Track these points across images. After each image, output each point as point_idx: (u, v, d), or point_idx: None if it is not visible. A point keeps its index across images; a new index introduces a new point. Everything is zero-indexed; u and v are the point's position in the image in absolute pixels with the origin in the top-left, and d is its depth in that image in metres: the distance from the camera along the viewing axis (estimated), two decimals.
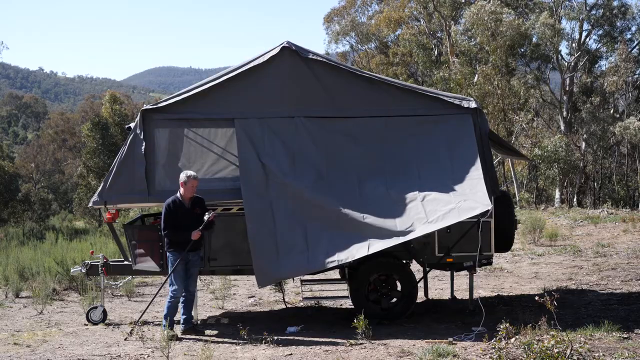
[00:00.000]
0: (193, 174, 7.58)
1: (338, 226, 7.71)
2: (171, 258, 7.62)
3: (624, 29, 35.81)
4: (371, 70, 37.29)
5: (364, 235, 7.58)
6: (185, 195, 7.56)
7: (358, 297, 8.10)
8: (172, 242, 7.56)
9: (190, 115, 8.18)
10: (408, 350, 6.71)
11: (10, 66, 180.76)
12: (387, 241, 7.48)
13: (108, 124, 35.68)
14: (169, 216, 7.50)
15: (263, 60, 8.20)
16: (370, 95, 8.32)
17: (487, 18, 29.67)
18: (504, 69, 30.62)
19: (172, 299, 7.60)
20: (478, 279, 10.93)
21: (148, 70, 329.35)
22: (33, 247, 16.85)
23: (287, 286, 10.54)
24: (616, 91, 34.66)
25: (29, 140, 68.37)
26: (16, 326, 8.80)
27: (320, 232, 7.73)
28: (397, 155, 8.14)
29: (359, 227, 7.62)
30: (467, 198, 7.54)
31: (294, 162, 8.04)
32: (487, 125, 8.39)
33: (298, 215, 7.80)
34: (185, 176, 7.52)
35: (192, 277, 7.77)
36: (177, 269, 7.56)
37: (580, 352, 5.86)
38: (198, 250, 7.76)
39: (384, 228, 7.55)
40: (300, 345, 7.17)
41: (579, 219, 19.81)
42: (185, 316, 7.71)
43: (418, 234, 7.49)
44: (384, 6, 44.09)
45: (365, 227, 7.59)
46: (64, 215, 41.09)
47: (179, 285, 7.58)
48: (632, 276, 10.96)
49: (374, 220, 7.60)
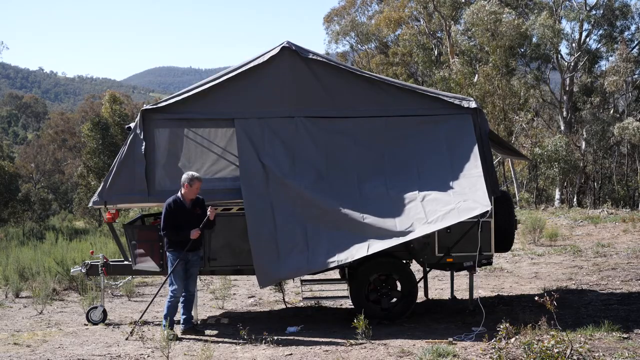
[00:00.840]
0: (197, 175, 7.54)
1: (338, 226, 7.71)
2: (171, 258, 7.61)
3: (624, 29, 35.82)
4: (371, 70, 37.30)
5: (364, 235, 7.58)
6: (188, 196, 7.54)
7: (358, 297, 8.10)
8: (172, 241, 7.55)
9: (190, 115, 8.18)
10: (408, 350, 6.70)
11: (10, 66, 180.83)
12: (387, 241, 7.48)
13: (108, 124, 35.69)
14: (169, 216, 7.50)
15: (263, 60, 8.19)
16: (370, 95, 8.31)
17: (486, 18, 29.66)
18: (504, 69, 30.62)
19: (172, 299, 7.59)
20: (478, 279, 10.93)
21: (148, 70, 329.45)
22: (33, 247, 16.84)
23: (287, 286, 10.54)
24: (616, 91, 34.66)
25: (29, 140, 68.35)
26: (16, 326, 8.80)
27: (320, 232, 7.73)
28: (397, 155, 8.14)
29: (359, 227, 7.61)
30: (467, 198, 7.53)
31: (294, 162, 8.03)
32: (487, 125, 8.39)
33: (298, 216, 7.80)
34: (190, 178, 7.48)
35: (192, 277, 7.76)
36: (177, 269, 7.56)
37: (580, 352, 5.86)
38: (198, 250, 7.75)
39: (384, 228, 7.54)
40: (300, 345, 7.17)
41: (579, 219, 19.81)
42: (185, 316, 7.71)
43: (418, 234, 7.50)
44: (384, 6, 44.10)
45: (365, 227, 7.59)
46: (64, 215, 41.10)
47: (179, 285, 7.57)
48: (632, 276, 10.95)
49: (374, 220, 7.60)
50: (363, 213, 7.66)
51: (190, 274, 7.74)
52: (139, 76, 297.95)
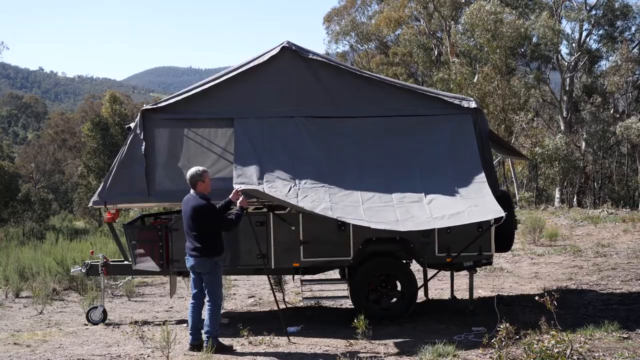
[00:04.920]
0: (203, 167, 7.08)
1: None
2: (218, 264, 6.96)
3: (624, 29, 35.83)
4: (371, 70, 37.28)
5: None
6: (206, 191, 7.00)
7: (358, 297, 8.10)
8: (218, 245, 6.95)
9: (190, 115, 8.18)
10: (408, 350, 6.70)
11: (10, 66, 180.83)
12: (389, 225, 7.22)
13: (108, 124, 35.69)
14: (218, 211, 6.96)
15: (263, 60, 8.20)
16: (370, 95, 8.31)
17: (486, 18, 29.65)
18: (504, 69, 30.60)
19: (218, 310, 6.97)
20: (478, 279, 10.94)
21: (148, 70, 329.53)
22: (33, 247, 16.84)
23: (287, 286, 10.54)
24: (616, 91, 34.67)
25: (29, 140, 68.34)
26: (16, 326, 8.80)
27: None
28: (397, 155, 8.12)
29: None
30: (477, 204, 7.38)
31: (294, 162, 8.01)
32: (487, 125, 8.39)
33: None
34: (199, 172, 6.92)
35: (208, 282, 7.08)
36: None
37: (580, 352, 5.86)
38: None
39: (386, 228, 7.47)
40: (300, 345, 7.17)
41: (579, 219, 19.80)
42: (213, 327, 6.97)
43: (423, 227, 7.30)
44: (384, 6, 44.07)
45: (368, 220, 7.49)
46: (64, 215, 41.08)
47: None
48: (632, 276, 10.95)
49: (377, 216, 7.49)
50: (364, 213, 7.62)
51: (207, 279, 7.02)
52: (139, 76, 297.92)
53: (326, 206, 7.29)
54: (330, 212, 7.19)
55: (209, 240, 6.84)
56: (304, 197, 7.42)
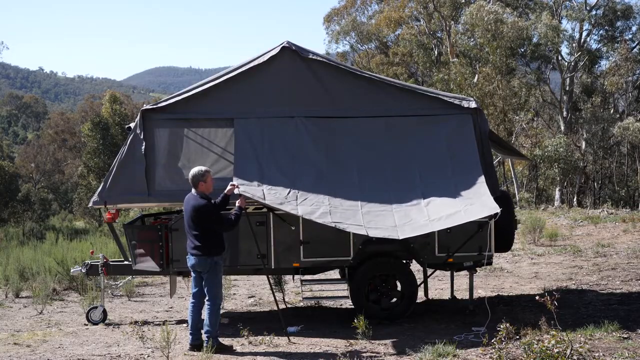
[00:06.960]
0: (205, 167, 7.07)
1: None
2: (218, 263, 6.95)
3: (624, 29, 35.83)
4: (371, 70, 37.27)
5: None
6: (207, 191, 6.98)
7: (358, 297, 8.10)
8: (219, 244, 6.94)
9: (190, 115, 8.19)
10: (408, 350, 6.71)
11: (10, 66, 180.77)
12: (385, 231, 7.29)
13: (108, 124, 35.71)
14: (216, 210, 6.95)
15: (263, 60, 8.20)
16: (370, 95, 8.32)
17: (486, 18, 29.65)
18: (504, 69, 30.60)
19: (218, 309, 6.96)
20: (478, 279, 10.94)
21: (148, 70, 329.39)
22: (33, 247, 16.85)
23: (287, 286, 10.54)
24: (616, 91, 34.68)
25: (29, 140, 68.34)
26: (16, 326, 8.80)
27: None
28: (397, 155, 8.12)
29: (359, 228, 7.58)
30: (474, 202, 7.45)
31: (294, 162, 8.01)
32: (487, 125, 8.39)
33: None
34: (202, 172, 6.89)
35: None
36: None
37: (580, 352, 5.86)
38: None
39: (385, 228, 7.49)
40: (300, 345, 7.18)
41: (579, 219, 19.80)
42: (213, 327, 6.96)
43: (420, 232, 7.36)
44: (384, 6, 44.09)
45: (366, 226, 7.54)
46: (64, 215, 41.07)
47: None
48: (632, 276, 10.95)
49: (375, 221, 7.53)
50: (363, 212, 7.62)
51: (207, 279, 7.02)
52: (139, 76, 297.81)
53: (325, 210, 7.31)
54: (329, 217, 7.22)
55: (210, 239, 6.84)
56: (304, 200, 7.44)
